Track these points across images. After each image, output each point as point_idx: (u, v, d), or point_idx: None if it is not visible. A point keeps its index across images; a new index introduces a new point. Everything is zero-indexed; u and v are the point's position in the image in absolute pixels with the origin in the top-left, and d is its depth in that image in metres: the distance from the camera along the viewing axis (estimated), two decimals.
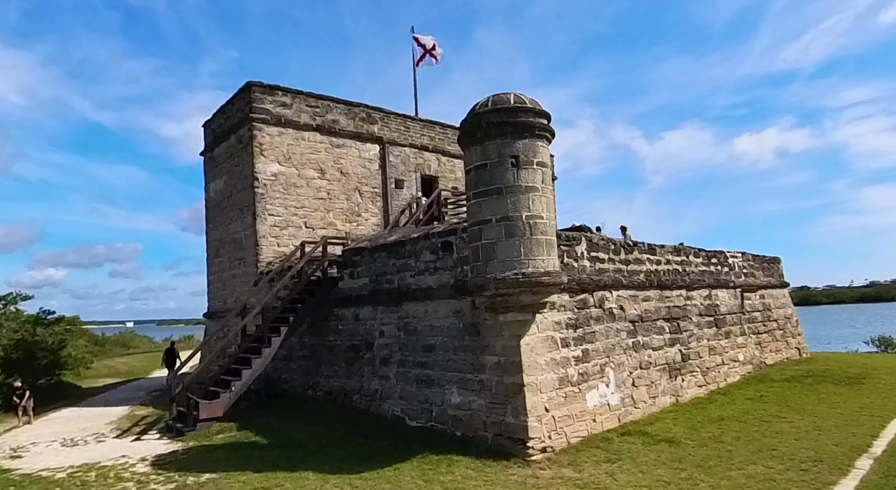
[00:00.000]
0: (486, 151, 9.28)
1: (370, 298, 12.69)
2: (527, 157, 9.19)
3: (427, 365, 11.03)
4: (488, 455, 9.04)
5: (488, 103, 9.37)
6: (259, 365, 12.58)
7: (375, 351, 12.35)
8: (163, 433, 12.06)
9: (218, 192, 19.46)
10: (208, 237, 20.25)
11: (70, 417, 15.33)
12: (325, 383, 13.59)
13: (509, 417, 9.28)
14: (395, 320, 12.01)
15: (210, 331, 19.93)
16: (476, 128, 9.34)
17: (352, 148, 19.28)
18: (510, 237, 9.03)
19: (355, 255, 13.26)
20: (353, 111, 19.40)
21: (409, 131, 20.82)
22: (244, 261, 17.70)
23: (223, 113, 19.21)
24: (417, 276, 11.59)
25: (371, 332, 12.61)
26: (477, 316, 10.22)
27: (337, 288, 13.82)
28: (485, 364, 9.92)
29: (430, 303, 11.28)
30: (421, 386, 11.04)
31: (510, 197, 9.09)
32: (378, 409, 11.88)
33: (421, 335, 11.34)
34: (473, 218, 9.45)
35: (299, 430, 11.29)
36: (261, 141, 17.33)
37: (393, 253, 12.24)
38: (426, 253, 11.43)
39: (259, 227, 17.04)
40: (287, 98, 18.01)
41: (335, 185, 18.77)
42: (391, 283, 12.24)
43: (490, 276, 9.03)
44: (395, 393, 11.59)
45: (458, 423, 10.11)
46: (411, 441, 9.96)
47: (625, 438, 9.89)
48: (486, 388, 9.77)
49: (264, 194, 17.23)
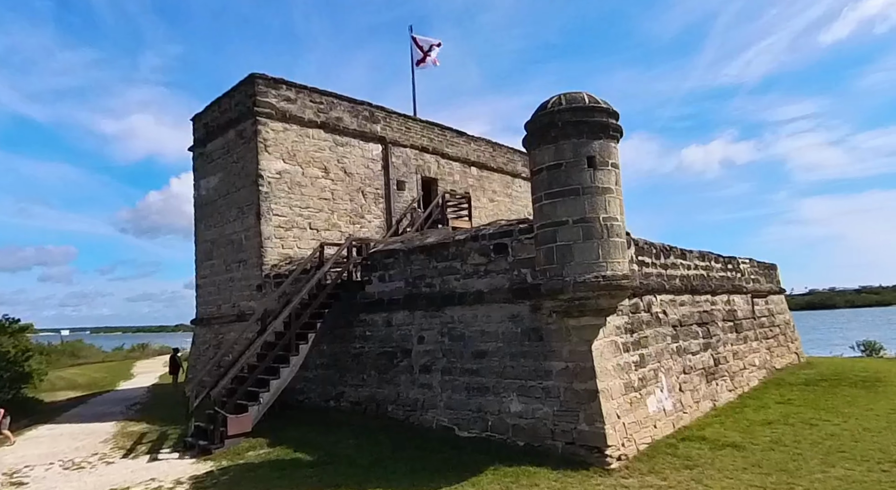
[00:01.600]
0: (561, 151, 8.99)
1: (406, 303, 12.11)
2: (602, 158, 8.97)
3: (479, 372, 10.58)
4: (563, 465, 8.70)
5: (562, 101, 9.10)
6: (287, 375, 11.76)
7: (414, 358, 11.78)
8: (182, 451, 11.03)
9: (211, 190, 18.27)
10: (198, 238, 18.96)
11: (52, 436, 13.90)
12: (351, 393, 12.86)
13: (582, 425, 8.98)
14: (438, 326, 11.50)
15: (200, 338, 18.67)
16: (550, 126, 9.04)
17: (355, 147, 18.59)
18: (588, 239, 8.77)
19: (387, 258, 12.65)
20: (356, 109, 18.72)
21: (409, 132, 20.31)
22: (245, 263, 16.65)
23: (218, 106, 18.08)
24: (464, 279, 11.13)
25: (407, 338, 12.02)
26: (539, 320, 9.89)
27: (363, 292, 13.15)
28: (550, 370, 9.59)
29: (479, 307, 10.84)
30: (472, 394, 10.57)
31: (587, 198, 8.83)
32: (420, 419, 11.31)
33: (470, 341, 10.88)
34: (546, 219, 9.12)
35: (341, 443, 10.57)
36: (265, 136, 16.40)
37: (434, 255, 11.73)
38: (475, 255, 11.00)
39: (263, 227, 16.08)
40: (291, 92, 17.15)
41: (339, 185, 18.01)
42: (431, 286, 11.73)
43: (569, 279, 8.72)
44: (440, 402, 11.06)
45: (519, 433, 9.71)
46: (471, 453, 9.48)
47: (687, 444, 9.79)
48: (553, 396, 9.44)
49: (269, 193, 16.29)
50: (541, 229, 9.23)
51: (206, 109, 18.64)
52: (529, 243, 10.09)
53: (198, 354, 18.43)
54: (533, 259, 9.91)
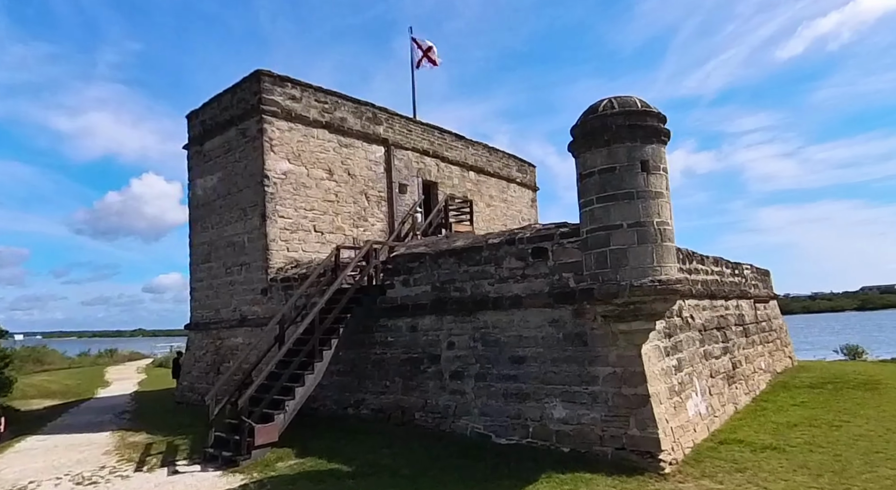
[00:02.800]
0: (614, 155, 8.96)
1: (433, 308, 11.85)
2: (655, 163, 8.98)
3: (517, 378, 10.41)
4: (616, 471, 8.62)
5: (614, 105, 9.08)
6: (312, 381, 11.31)
7: (443, 364, 11.52)
8: (203, 463, 10.44)
9: (209, 190, 17.55)
10: (193, 240, 18.16)
11: (45, 448, 12.99)
12: (372, 400, 12.47)
13: (633, 430, 8.93)
14: (469, 331, 11.28)
15: (195, 344, 17.84)
16: (602, 130, 9.00)
17: (359, 149, 18.21)
18: (643, 243, 8.74)
19: (411, 262, 12.36)
20: (360, 110, 18.36)
21: (411, 134, 20.05)
22: (247, 266, 16.02)
23: (218, 103, 17.41)
24: (499, 283, 10.97)
25: (435, 343, 11.76)
26: (582, 325, 9.82)
27: (384, 297, 12.81)
28: (596, 375, 9.52)
29: (516, 312, 10.70)
30: (510, 400, 10.39)
31: (641, 202, 8.81)
32: (451, 426, 11.05)
33: (506, 347, 10.71)
34: (598, 223, 9.05)
35: (375, 453, 10.20)
36: (271, 136, 15.87)
37: (464, 259, 11.52)
38: (511, 259, 10.85)
39: (269, 229, 15.52)
40: (296, 91, 16.68)
41: (343, 187, 17.60)
42: (462, 291, 11.51)
43: (625, 284, 8.67)
44: (473, 408, 10.84)
45: (564, 439, 9.59)
46: (517, 460, 9.28)
47: (727, 447, 9.86)
48: (601, 401, 9.36)
49: (274, 194, 15.76)
50: (592, 233, 9.16)
51: (204, 106, 17.93)
52: (572, 247, 10.03)
53: (194, 360, 17.61)
54: (576, 263, 9.86)
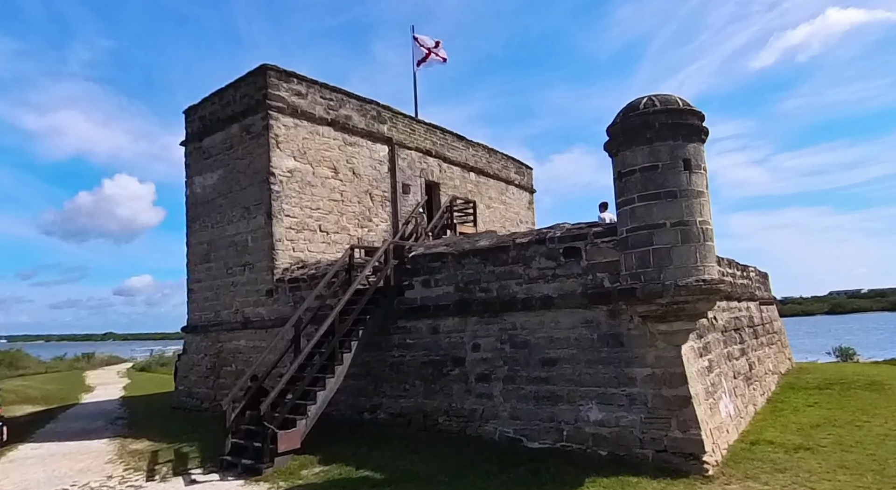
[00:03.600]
0: (657, 153, 8.86)
1: (457, 309, 11.57)
2: (696, 161, 8.92)
3: (549, 380, 10.21)
4: (659, 474, 8.48)
5: (656, 103, 8.98)
6: (333, 385, 10.90)
7: (468, 367, 11.24)
8: (221, 471, 9.94)
9: (209, 188, 16.94)
10: (191, 239, 17.48)
11: (40, 457, 12.30)
12: (390, 404, 12.11)
13: (675, 432, 8.81)
14: (496, 333, 11.04)
15: (193, 347, 17.16)
16: (644, 128, 8.90)
17: (363, 147, 17.83)
18: (686, 242, 8.66)
19: (433, 261, 12.06)
20: (364, 108, 17.99)
21: (414, 134, 19.76)
22: (251, 267, 15.48)
23: (219, 98, 16.84)
24: (528, 284, 10.76)
25: (459, 345, 11.47)
26: (618, 326, 9.67)
27: (402, 298, 12.47)
28: (634, 377, 9.37)
29: (546, 313, 10.50)
30: (542, 403, 10.18)
31: (684, 201, 8.73)
32: (478, 430, 10.78)
33: (536, 348, 10.50)
34: (640, 221, 8.93)
35: (403, 459, 9.85)
36: (276, 132, 15.39)
37: (490, 259, 11.28)
38: (540, 259, 10.66)
39: (275, 228, 15.02)
40: (302, 87, 16.24)
41: (348, 186, 17.19)
42: (487, 291, 11.26)
43: (669, 283, 8.56)
44: (502, 412, 10.59)
45: (601, 442, 9.41)
46: (556, 465, 9.05)
47: (759, 448, 9.83)
48: (640, 403, 9.22)
49: (280, 192, 15.27)
50: (633, 232, 9.03)
51: (204, 102, 17.32)
52: (606, 247, 9.88)
53: (192, 364, 16.93)
54: (612, 263, 9.73)
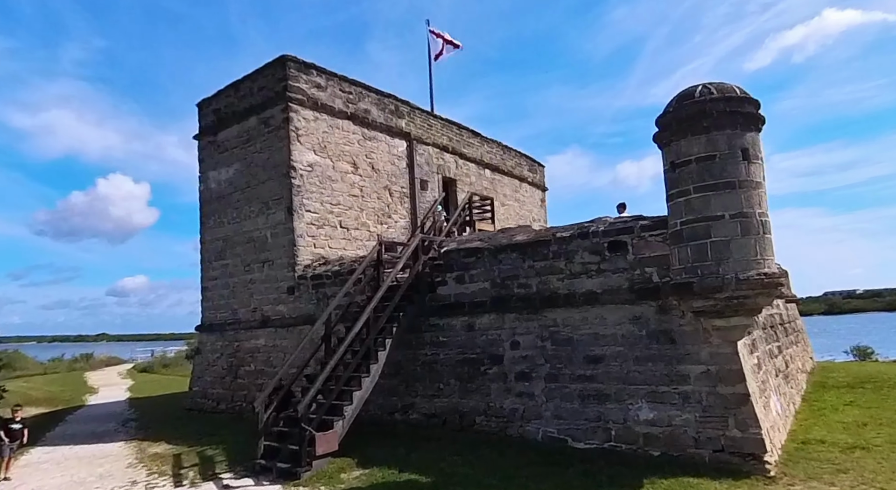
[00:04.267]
0: (714, 142, 8.56)
1: (494, 305, 11.22)
2: (754, 151, 8.63)
3: (595, 378, 9.88)
4: (718, 474, 8.17)
5: (712, 91, 8.69)
6: (369, 384, 10.51)
7: (507, 365, 10.89)
8: (255, 475, 9.51)
9: (224, 183, 16.48)
10: (205, 235, 17.00)
11: (55, 461, 11.81)
12: (424, 404, 11.73)
13: (734, 431, 8.50)
14: (536, 330, 10.70)
15: (208, 346, 16.67)
16: (701, 116, 8.59)
17: (382, 142, 17.45)
18: (746, 235, 8.36)
19: (467, 257, 11.70)
20: (383, 102, 17.61)
21: (431, 129, 19.40)
22: (271, 263, 15.04)
23: (235, 90, 16.39)
24: (570, 279, 10.43)
25: (496, 343, 11.12)
26: (668, 322, 9.36)
27: (434, 294, 12.10)
28: (687, 374, 9.06)
29: (590, 309, 10.17)
30: (588, 402, 9.84)
31: (743, 192, 8.44)
32: (519, 430, 10.42)
33: (580, 345, 10.17)
34: (696, 213, 8.62)
35: (446, 461, 9.46)
36: (297, 125, 14.98)
37: (529, 254, 10.94)
38: (583, 254, 10.33)
39: (296, 224, 14.60)
40: (321, 79, 15.83)
41: (367, 181, 16.80)
42: (526, 287, 10.92)
43: (730, 277, 8.25)
44: (545, 411, 10.24)
45: (653, 442, 9.09)
46: (607, 466, 8.73)
47: (812, 447, 9.53)
48: (693, 401, 8.90)
49: (301, 187, 14.86)
50: (688, 225, 8.72)
51: (219, 94, 16.86)
52: (655, 240, 9.58)
53: (207, 364, 16.44)
54: (661, 257, 9.44)
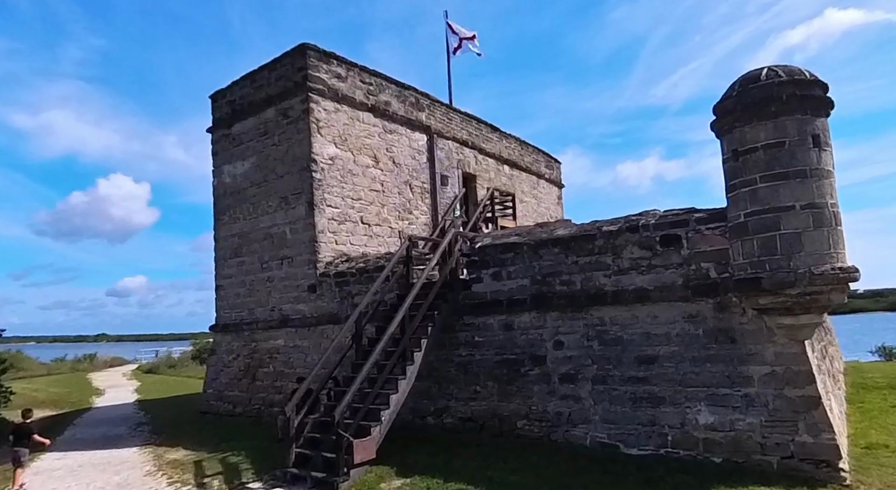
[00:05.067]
0: (783, 128, 8.04)
1: (534, 303, 10.66)
2: (824, 138, 8.11)
3: (648, 380, 9.32)
4: (790, 483, 7.63)
5: (780, 74, 8.16)
6: (405, 387, 9.95)
7: (550, 366, 10.33)
8: (287, 485, 8.92)
9: (240, 177, 15.87)
10: (220, 232, 16.39)
11: (68, 468, 11.25)
12: (459, 408, 11.16)
13: (804, 437, 7.96)
14: (581, 329, 10.14)
15: (223, 347, 16.06)
16: (769, 100, 8.06)
17: (402, 136, 16.88)
18: (819, 227, 7.84)
19: (504, 253, 11.14)
20: (403, 94, 17.04)
21: (451, 123, 18.83)
22: (290, 261, 14.45)
23: (251, 81, 15.79)
24: (618, 275, 9.88)
25: (537, 343, 10.57)
26: (728, 320, 8.82)
27: (468, 292, 11.54)
28: (750, 376, 8.52)
29: (640, 307, 9.62)
30: (640, 405, 9.29)
31: (815, 181, 7.92)
32: (565, 435, 9.86)
33: (630, 345, 9.62)
34: (763, 204, 8.09)
35: (493, 469, 8.88)
36: (317, 116, 14.39)
37: (573, 249, 10.39)
38: (633, 248, 9.78)
39: (317, 219, 14.01)
40: (342, 69, 15.25)
41: (388, 176, 16.22)
42: (570, 284, 10.36)
43: (803, 272, 7.72)
44: (593, 415, 9.69)
45: (714, 448, 8.54)
46: (669, 473, 8.18)
47: (878, 452, 9.03)
48: (758, 404, 8.36)
49: (322, 181, 14.27)
50: (754, 216, 8.19)
51: (233, 85, 16.26)
52: (712, 234, 9.03)
53: (222, 365, 15.82)
54: (719, 252, 8.90)
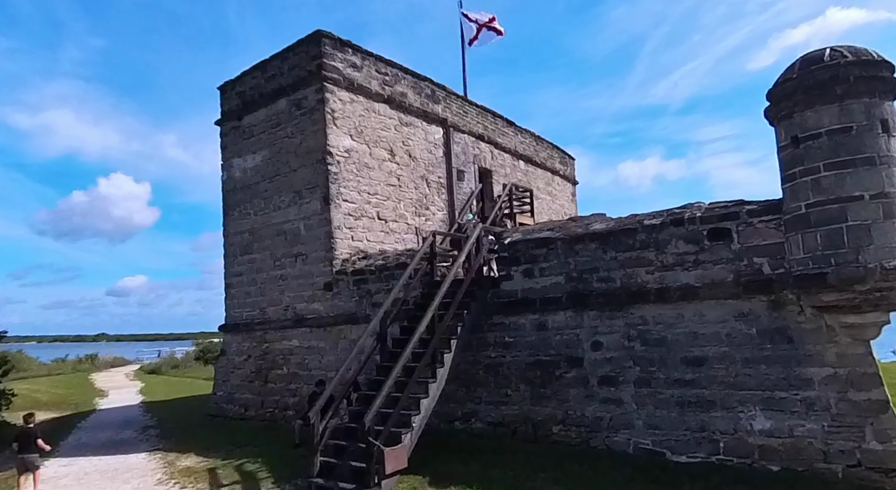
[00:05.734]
0: (849, 112, 7.48)
1: (570, 302, 10.09)
2: (893, 123, 7.55)
3: (696, 383, 8.76)
4: None
5: (845, 54, 7.60)
6: (435, 391, 9.37)
7: (587, 368, 9.76)
8: None
9: (250, 171, 15.26)
10: (229, 228, 15.76)
11: (75, 476, 10.66)
12: (488, 412, 10.58)
13: (872, 443, 7.42)
14: (621, 328, 9.57)
15: (233, 347, 15.44)
16: (833, 82, 7.50)
17: (418, 128, 16.29)
18: (889, 218, 7.28)
19: (537, 248, 10.56)
20: (419, 85, 16.45)
21: (466, 116, 18.25)
22: (305, 258, 13.84)
23: (262, 71, 15.17)
24: (661, 271, 9.31)
25: (574, 344, 9.99)
26: (784, 318, 8.25)
27: (497, 290, 10.96)
28: (809, 378, 7.96)
29: (686, 305, 9.05)
30: (688, 410, 8.73)
31: (884, 169, 7.36)
32: (606, 442, 9.30)
33: (675, 346, 9.05)
34: (827, 194, 7.53)
35: (533, 480, 8.28)
36: (333, 107, 13.78)
37: (612, 244, 9.81)
38: (677, 243, 9.21)
39: (333, 214, 13.41)
40: (357, 58, 14.65)
41: (404, 170, 15.63)
42: (608, 281, 9.79)
43: (873, 266, 7.15)
44: (636, 420, 9.12)
45: (771, 455, 7.99)
46: (726, 484, 7.61)
47: None
48: (819, 409, 7.81)
49: (338, 174, 13.67)
50: (816, 207, 7.62)
51: (243, 75, 15.64)
52: (766, 227, 8.47)
53: (232, 367, 15.21)
54: (773, 246, 8.35)
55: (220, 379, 15.47)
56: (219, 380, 15.61)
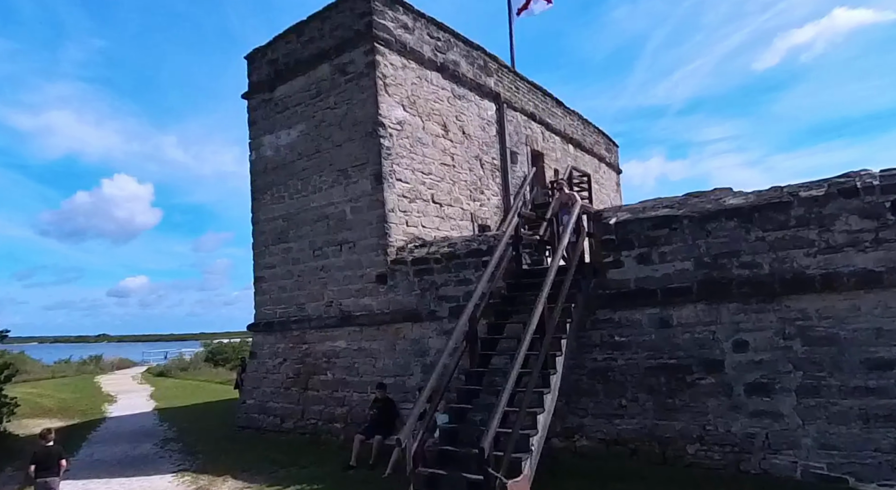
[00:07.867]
0: None
1: (701, 292, 8.29)
2: None
3: (885, 391, 6.97)
4: None
5: None
6: (550, 404, 7.54)
7: (729, 373, 7.95)
8: None
9: (284, 149, 13.36)
10: (259, 214, 13.81)
11: None
12: (598, 427, 8.74)
13: None
14: (774, 324, 7.78)
15: (265, 349, 13.50)
16: None
17: (472, 103, 14.47)
18: None
19: (654, 229, 8.76)
20: (471, 54, 14.63)
21: (518, 92, 16.45)
22: (352, 246, 11.97)
23: (297, 35, 13.29)
24: (827, 254, 7.54)
25: (708, 344, 8.19)
26: None
27: (602, 279, 9.16)
28: None
29: (864, 295, 7.28)
30: (877, 425, 6.94)
31: None
32: (762, 465, 7.49)
33: (851, 345, 7.27)
34: None
35: None
36: (384, 72, 11.94)
37: (756, 222, 8.03)
38: (848, 218, 7.45)
39: (387, 195, 11.57)
40: (408, 19, 12.80)
41: (458, 149, 13.80)
42: (753, 267, 8.00)
43: None
44: (802, 438, 7.32)
45: None
46: None
47: None
48: None
49: (391, 149, 11.82)
50: None
51: (276, 41, 13.73)
52: None
53: (264, 371, 13.26)
54: None
55: (251, 385, 13.50)
56: (248, 386, 13.65)
